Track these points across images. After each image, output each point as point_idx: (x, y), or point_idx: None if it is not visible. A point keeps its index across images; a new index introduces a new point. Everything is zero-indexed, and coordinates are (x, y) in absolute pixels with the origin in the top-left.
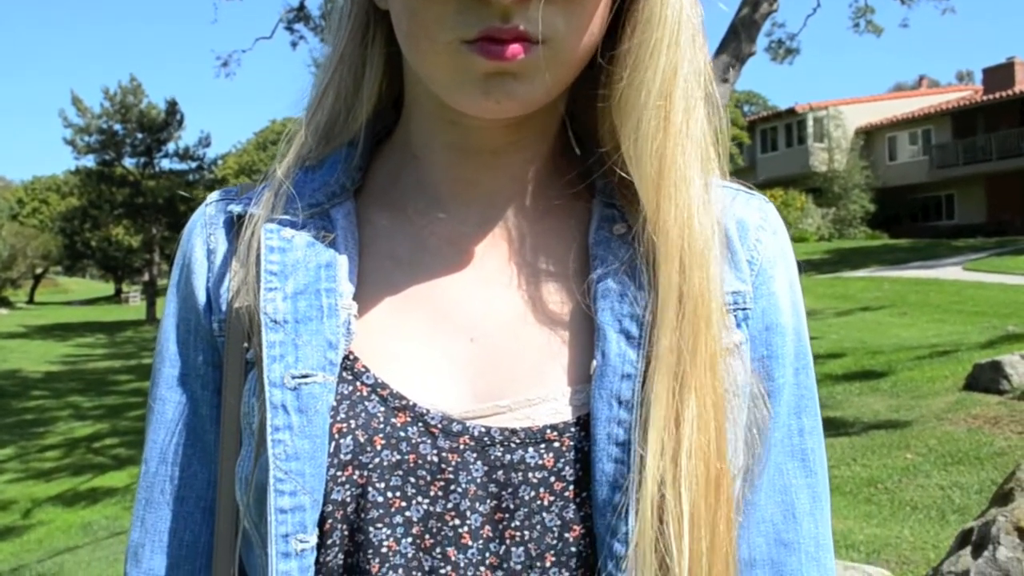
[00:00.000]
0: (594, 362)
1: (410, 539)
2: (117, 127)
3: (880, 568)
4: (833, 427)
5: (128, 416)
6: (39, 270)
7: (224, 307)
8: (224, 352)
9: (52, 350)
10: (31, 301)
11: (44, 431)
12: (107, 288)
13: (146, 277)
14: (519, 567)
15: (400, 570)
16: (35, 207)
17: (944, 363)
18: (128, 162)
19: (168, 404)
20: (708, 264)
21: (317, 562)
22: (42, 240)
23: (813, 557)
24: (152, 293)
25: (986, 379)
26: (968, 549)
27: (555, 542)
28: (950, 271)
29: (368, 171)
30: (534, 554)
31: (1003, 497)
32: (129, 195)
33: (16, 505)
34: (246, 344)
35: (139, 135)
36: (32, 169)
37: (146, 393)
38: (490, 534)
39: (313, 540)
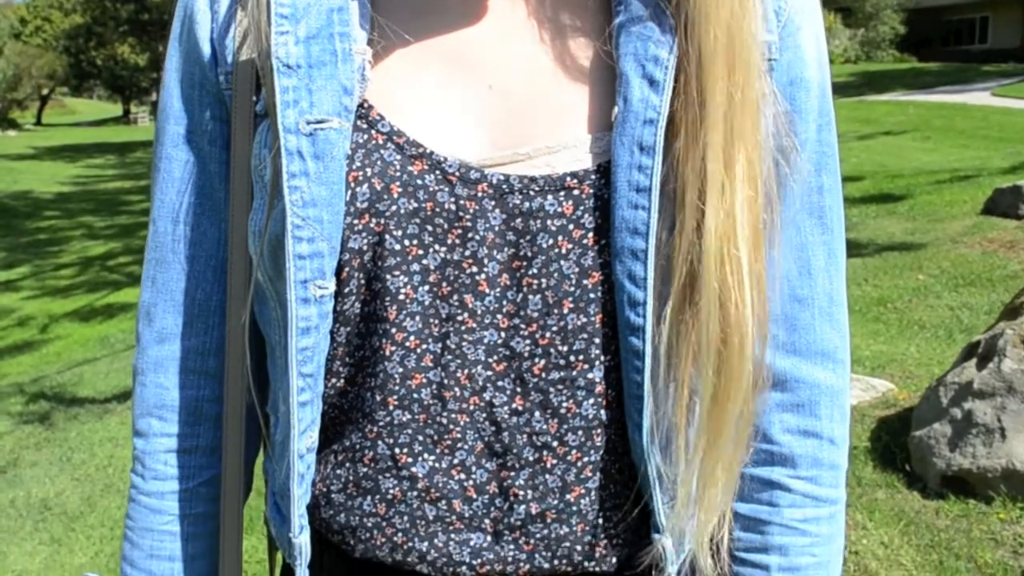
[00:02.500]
0: (616, 108)
1: (427, 287)
2: None
3: (884, 380)
4: (848, 248)
5: (140, 235)
6: (45, 91)
7: (230, 59)
8: (232, 105)
9: (62, 171)
10: (39, 123)
11: (58, 250)
12: (115, 109)
13: (154, 97)
14: (536, 314)
15: (417, 317)
16: (38, 25)
17: (964, 188)
18: None
19: (175, 162)
20: (748, 5)
21: (334, 311)
22: (47, 59)
23: (826, 312)
24: None
25: (1005, 204)
26: (973, 361)
27: (573, 289)
28: (978, 96)
29: None
30: (551, 301)
31: (1012, 311)
32: (134, 11)
33: (34, 321)
34: (255, 96)
35: None
36: None
37: None
38: (507, 282)
39: (331, 287)
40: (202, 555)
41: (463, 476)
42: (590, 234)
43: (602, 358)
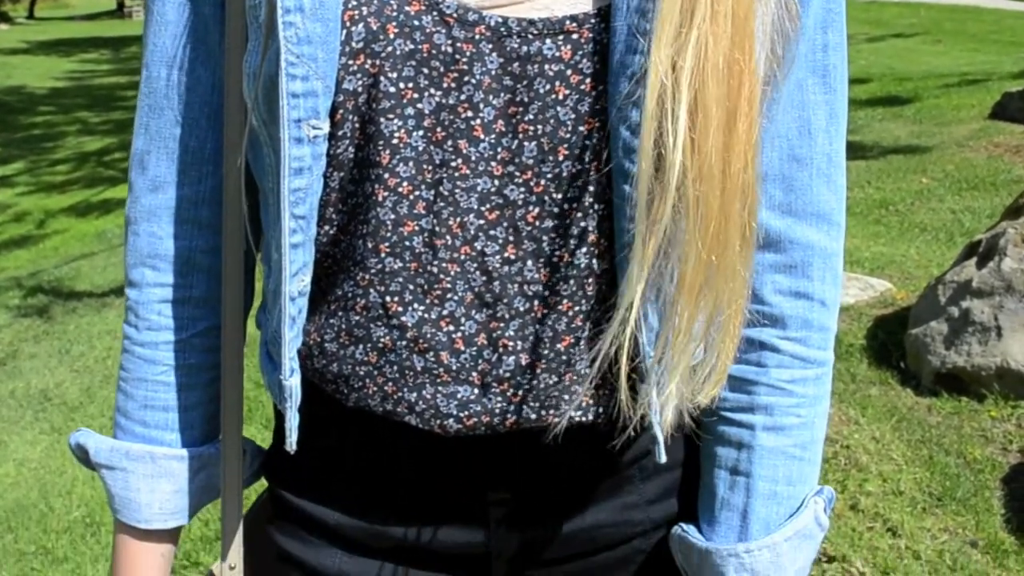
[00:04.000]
0: None
1: (421, 131)
2: None
3: (883, 281)
4: (851, 151)
5: None
6: None
7: None
8: None
9: (56, 66)
10: (31, 16)
11: (53, 146)
12: (109, 2)
13: None
14: (531, 161)
15: (411, 162)
16: None
17: (973, 92)
18: None
19: (168, 5)
20: None
21: (328, 154)
22: None
23: (824, 173)
24: None
25: (1014, 108)
26: (973, 260)
27: (569, 135)
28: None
29: None
30: (546, 148)
31: (1015, 211)
32: None
33: (30, 216)
34: None
35: None
36: None
37: None
38: (503, 128)
39: (326, 128)
40: (196, 406)
41: (451, 328)
42: (588, 80)
43: (596, 207)
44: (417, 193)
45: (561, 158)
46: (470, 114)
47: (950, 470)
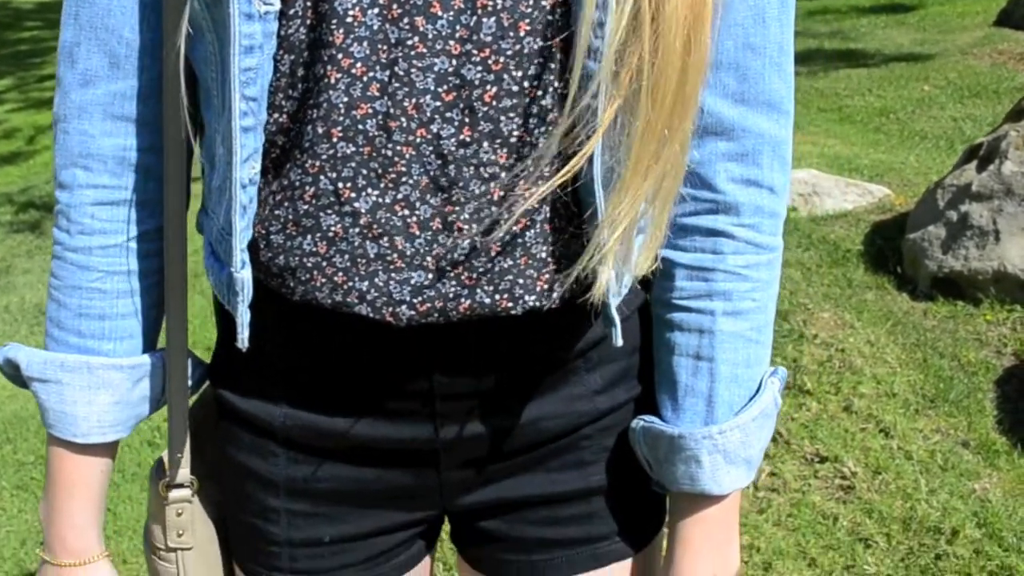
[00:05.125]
0: None
1: (376, 9)
2: None
3: (881, 187)
4: (853, 58)
5: None
6: None
7: None
8: None
9: None
10: None
11: (41, 61)
12: None
13: None
14: (489, 39)
15: (365, 42)
16: None
17: None
18: None
19: None
20: None
21: (278, 35)
22: None
23: (775, 62)
24: None
25: (1019, 15)
26: (973, 164)
27: (530, 11)
28: None
29: None
30: (507, 24)
31: (1018, 113)
32: None
33: (20, 133)
34: None
35: None
36: None
37: None
38: (461, 5)
39: (276, 5)
40: (133, 314)
41: (407, 212)
42: None
43: (555, 84)
44: (371, 74)
45: (522, 34)
46: None
47: (944, 373)
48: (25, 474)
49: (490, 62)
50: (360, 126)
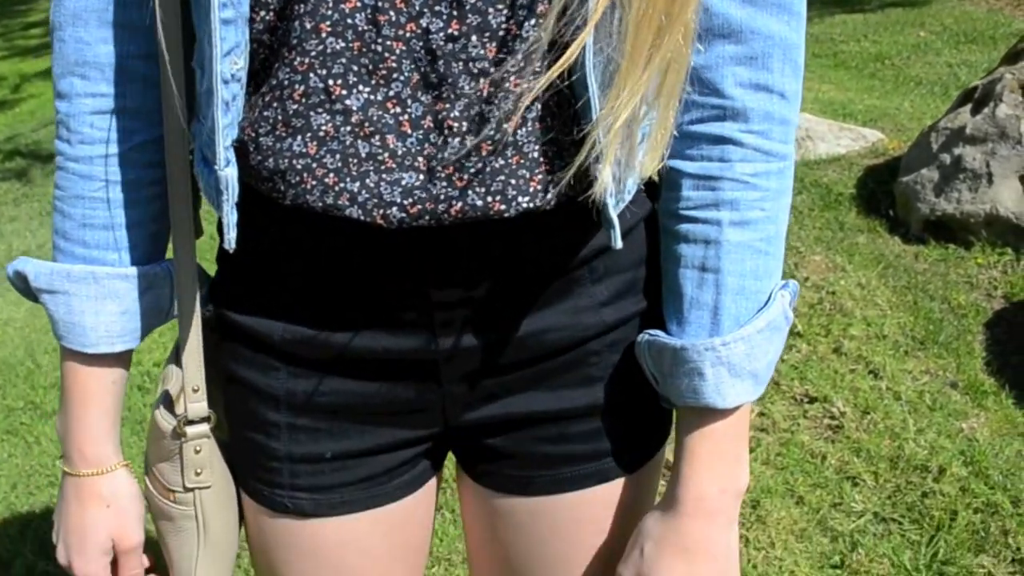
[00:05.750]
0: None
1: None
2: None
3: (875, 131)
4: (848, 4)
5: None
6: None
7: None
8: None
9: None
10: None
11: (26, 9)
12: None
13: None
14: None
15: None
16: None
17: None
18: None
19: None
20: None
21: None
22: None
23: None
24: None
25: None
26: (968, 107)
27: None
28: None
29: None
30: None
31: (1013, 56)
32: None
33: (6, 81)
34: None
35: None
36: None
37: None
38: None
39: None
40: (138, 224)
41: (398, 110)
42: None
43: None
44: None
45: None
46: None
47: (934, 315)
48: (15, 419)
49: None
50: (349, 20)
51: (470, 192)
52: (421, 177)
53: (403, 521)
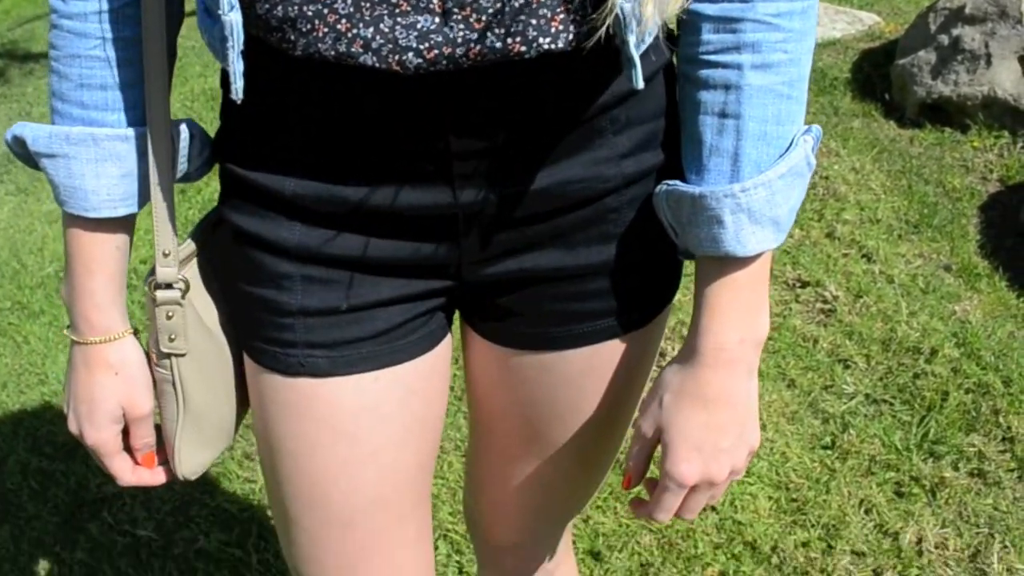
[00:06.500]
0: None
1: None
2: None
3: (871, 14)
4: None
5: None
6: None
7: None
8: None
9: None
10: None
11: None
12: None
13: None
14: None
15: None
16: None
17: None
18: None
19: None
20: None
21: None
22: None
23: None
24: None
25: None
26: None
27: None
28: None
29: None
30: None
31: None
32: None
33: None
34: None
35: None
36: None
37: None
38: None
39: None
40: (136, 83)
41: None
42: None
43: None
44: None
45: None
46: None
47: (928, 199)
48: (2, 320)
49: None
50: None
51: (488, 34)
52: (437, 19)
53: (420, 387)
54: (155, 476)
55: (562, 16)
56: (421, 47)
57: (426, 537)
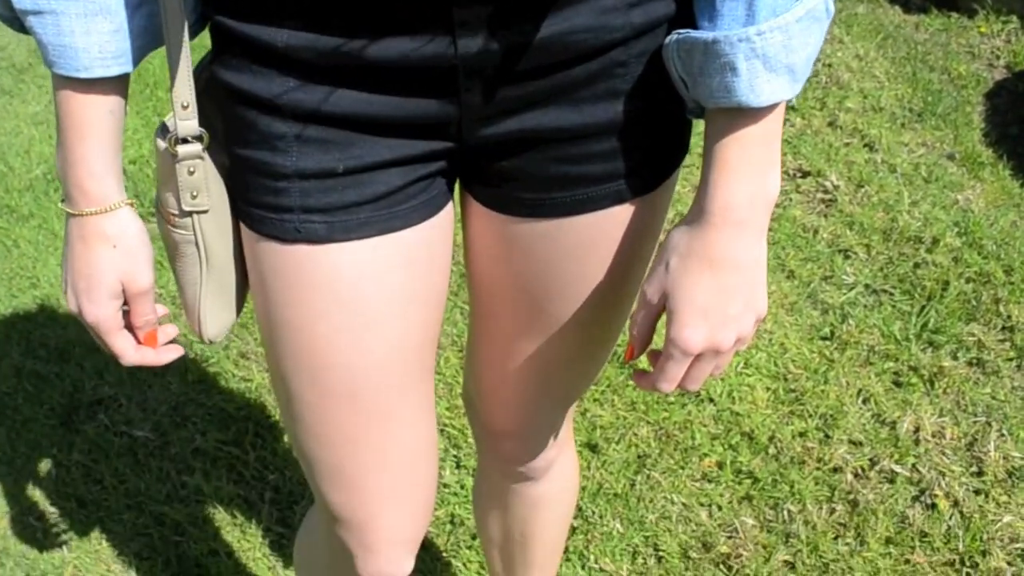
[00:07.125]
0: None
1: None
2: None
3: None
4: None
5: None
6: None
7: None
8: None
9: None
10: None
11: None
12: None
13: None
14: None
15: None
16: None
17: None
18: None
19: None
20: None
21: None
22: None
23: None
24: None
25: None
26: None
27: None
28: None
29: None
30: None
31: None
32: None
33: None
34: None
35: None
36: None
37: None
38: None
39: None
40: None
41: None
42: None
43: None
44: None
45: None
46: None
47: (933, 86)
48: None
49: None
50: None
51: None
52: None
53: (421, 256)
54: (159, 355)
55: None
56: None
57: (429, 412)
